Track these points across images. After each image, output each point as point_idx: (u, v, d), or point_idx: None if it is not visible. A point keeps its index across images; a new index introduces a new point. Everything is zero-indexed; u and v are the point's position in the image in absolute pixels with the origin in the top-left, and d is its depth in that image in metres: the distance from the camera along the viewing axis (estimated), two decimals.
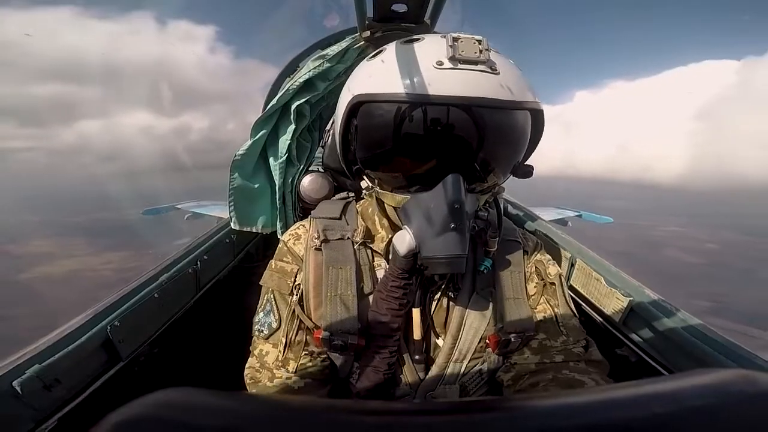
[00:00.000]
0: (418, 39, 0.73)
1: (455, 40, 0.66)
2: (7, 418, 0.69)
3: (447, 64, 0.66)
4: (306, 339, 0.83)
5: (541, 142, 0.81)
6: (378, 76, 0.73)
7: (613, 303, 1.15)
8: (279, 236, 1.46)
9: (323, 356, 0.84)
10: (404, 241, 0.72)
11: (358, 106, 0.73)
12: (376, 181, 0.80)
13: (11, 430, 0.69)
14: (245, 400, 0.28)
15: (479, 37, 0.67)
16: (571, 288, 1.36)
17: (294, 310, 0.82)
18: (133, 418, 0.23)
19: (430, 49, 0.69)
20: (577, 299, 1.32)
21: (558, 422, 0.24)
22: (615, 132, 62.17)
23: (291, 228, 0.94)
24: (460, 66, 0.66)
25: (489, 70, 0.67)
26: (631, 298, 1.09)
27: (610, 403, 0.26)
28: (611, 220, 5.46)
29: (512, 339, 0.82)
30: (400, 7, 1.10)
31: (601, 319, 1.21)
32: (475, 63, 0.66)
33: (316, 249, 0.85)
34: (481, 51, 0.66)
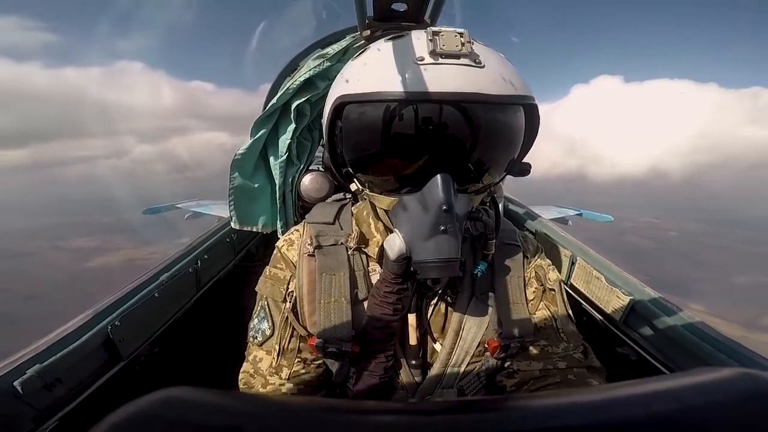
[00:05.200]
0: (402, 36, 0.71)
1: (435, 34, 0.64)
2: (8, 417, 0.69)
3: (428, 59, 0.64)
4: (299, 346, 0.82)
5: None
6: (360, 76, 0.72)
7: (613, 302, 1.14)
8: (279, 235, 1.46)
9: (317, 363, 0.84)
10: (395, 245, 0.70)
11: (341, 107, 0.72)
12: (366, 183, 0.78)
13: (12, 429, 0.69)
14: (245, 400, 0.28)
15: (461, 30, 0.65)
16: (571, 287, 1.35)
17: (287, 318, 0.82)
18: (133, 417, 0.23)
19: (412, 45, 0.67)
20: (578, 298, 1.32)
21: (560, 421, 0.24)
22: None
23: (286, 233, 0.93)
24: (441, 61, 0.64)
25: (473, 64, 0.65)
26: (632, 297, 1.08)
27: (611, 402, 0.25)
28: (611, 218, 5.46)
29: (511, 344, 0.81)
30: (400, 6, 1.09)
31: (601, 317, 1.21)
32: (457, 57, 0.64)
33: (309, 255, 0.83)
34: (463, 44, 0.64)
